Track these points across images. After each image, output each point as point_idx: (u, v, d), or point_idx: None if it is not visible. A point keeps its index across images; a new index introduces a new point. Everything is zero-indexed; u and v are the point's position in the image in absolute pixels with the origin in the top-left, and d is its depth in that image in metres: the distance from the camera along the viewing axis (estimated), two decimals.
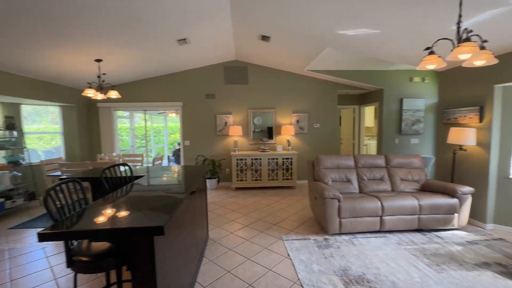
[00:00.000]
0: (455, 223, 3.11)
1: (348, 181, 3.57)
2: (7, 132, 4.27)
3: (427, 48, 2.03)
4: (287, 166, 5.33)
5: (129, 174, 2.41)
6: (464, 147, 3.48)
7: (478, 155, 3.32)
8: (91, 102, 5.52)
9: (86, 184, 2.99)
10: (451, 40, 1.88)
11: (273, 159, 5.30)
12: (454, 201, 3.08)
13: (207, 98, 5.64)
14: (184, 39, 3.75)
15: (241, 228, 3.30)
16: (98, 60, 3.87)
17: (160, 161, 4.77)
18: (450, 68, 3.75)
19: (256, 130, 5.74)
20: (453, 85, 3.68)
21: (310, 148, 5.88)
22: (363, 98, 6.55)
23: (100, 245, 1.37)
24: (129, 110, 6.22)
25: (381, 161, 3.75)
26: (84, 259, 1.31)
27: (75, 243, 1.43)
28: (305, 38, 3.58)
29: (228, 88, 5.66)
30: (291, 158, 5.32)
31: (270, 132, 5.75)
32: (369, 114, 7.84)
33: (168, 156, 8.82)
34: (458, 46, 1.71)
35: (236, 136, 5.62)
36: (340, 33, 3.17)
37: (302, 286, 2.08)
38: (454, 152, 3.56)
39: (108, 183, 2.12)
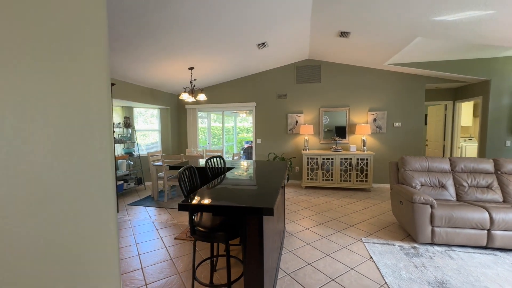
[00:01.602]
0: None
1: (442, 186, 3.14)
2: (125, 130, 5.44)
3: None
4: (361, 167, 5.04)
5: (223, 165, 2.77)
6: None
7: None
8: (181, 104, 6.47)
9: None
10: None
11: (346, 159, 5.09)
12: None
13: (278, 98, 5.84)
14: (264, 43, 4.01)
15: (316, 226, 3.33)
16: (191, 68, 4.53)
17: (238, 157, 5.22)
18: None
19: (328, 129, 5.62)
20: None
21: (389, 149, 5.38)
22: (459, 92, 5.58)
23: (215, 220, 1.65)
24: (210, 111, 6.99)
25: (488, 166, 3.15)
26: (203, 229, 1.62)
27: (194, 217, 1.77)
28: (391, 29, 3.33)
29: (299, 87, 5.72)
30: (367, 159, 4.99)
31: (343, 131, 5.54)
32: (466, 111, 6.61)
33: (239, 154, 9.49)
34: None
35: (307, 134, 5.63)
36: (437, 19, 2.82)
37: None
38: None
39: (210, 171, 2.50)
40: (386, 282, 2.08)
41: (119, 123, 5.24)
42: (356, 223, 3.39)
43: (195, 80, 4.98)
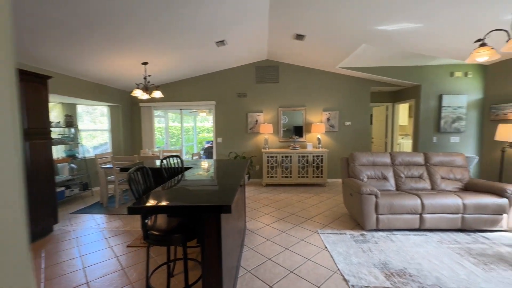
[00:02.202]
0: (504, 224, 2.95)
1: (385, 178, 3.53)
2: (66, 129, 4.83)
3: (478, 40, 1.99)
4: (317, 164, 5.35)
5: (180, 165, 2.65)
6: None
7: None
8: (134, 102, 6.00)
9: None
10: (505, 30, 1.83)
11: (303, 156, 5.35)
12: (503, 201, 2.92)
13: (239, 97, 5.85)
14: (222, 41, 3.96)
15: (276, 221, 3.43)
16: (145, 63, 4.24)
17: (197, 157, 5.07)
18: (501, 60, 3.53)
19: (286, 128, 5.83)
20: (503, 79, 3.46)
21: (341, 146, 5.83)
22: (397, 95, 6.33)
23: (171, 222, 1.57)
24: (167, 109, 6.64)
25: (419, 159, 3.64)
26: (157, 233, 1.52)
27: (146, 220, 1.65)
28: (341, 35, 3.60)
29: (259, 87, 5.82)
30: (322, 156, 5.33)
31: (300, 130, 5.81)
32: (403, 111, 7.53)
33: (199, 154, 9.24)
34: None
35: (266, 133, 5.75)
36: (379, 28, 3.15)
37: (342, 275, 2.15)
38: (503, 150, 3.35)
39: (166, 172, 2.36)
40: (338, 269, 2.25)
41: (59, 122, 4.63)
42: (313, 216, 3.59)
43: (149, 76, 4.67)
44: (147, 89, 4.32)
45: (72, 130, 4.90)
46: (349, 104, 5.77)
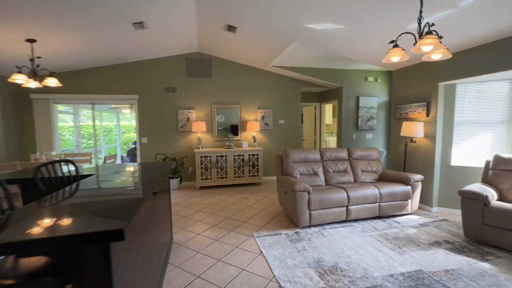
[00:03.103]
0: (409, 208, 3.40)
1: (315, 174, 3.63)
2: None
3: (392, 42, 2.13)
4: (253, 162, 5.25)
5: (74, 173, 2.02)
6: (415, 139, 3.84)
7: (426, 146, 3.69)
8: (21, 92, 4.62)
9: (14, 189, 2.43)
10: (413, 34, 1.99)
11: (239, 155, 5.16)
12: (408, 188, 3.36)
13: (167, 91, 5.21)
14: (141, 22, 3.36)
15: (209, 229, 3.09)
16: (31, 40, 3.23)
17: (113, 160, 4.23)
18: (403, 67, 4.09)
19: (221, 127, 5.53)
20: (405, 83, 4.03)
21: (275, 144, 5.90)
22: (323, 96, 6.84)
23: (33, 262, 1.05)
24: (73, 103, 5.41)
25: (344, 154, 3.91)
26: (10, 282, 1.00)
27: None
28: (272, 31, 3.52)
29: (190, 81, 5.32)
30: (257, 155, 5.25)
31: (235, 129, 5.60)
32: (328, 111, 8.24)
33: (122, 157, 8.00)
34: (422, 38, 1.81)
35: (199, 132, 5.32)
36: (307, 26, 3.18)
37: (278, 282, 1.99)
38: (406, 144, 3.90)
39: (45, 184, 1.72)
40: (274, 275, 2.09)
41: None
42: (248, 218, 3.41)
43: (39, 58, 3.60)
44: (36, 75, 3.31)
45: None
46: (282, 102, 5.88)
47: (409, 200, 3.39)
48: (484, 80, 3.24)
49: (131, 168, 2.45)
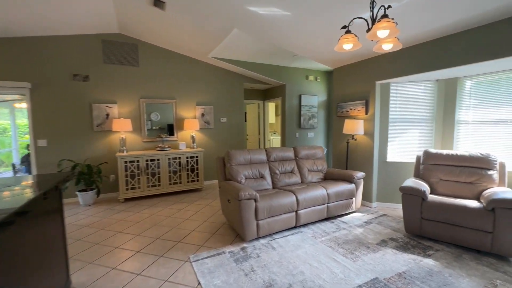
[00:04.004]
0: (353, 206, 3.39)
1: (262, 177, 3.28)
2: None
3: (344, 27, 1.89)
4: (192, 166, 4.60)
5: None
6: (355, 137, 3.90)
7: (365, 143, 3.77)
8: None
9: None
10: (365, 19, 1.79)
11: (175, 158, 4.44)
12: (352, 186, 3.33)
13: (75, 79, 4.07)
14: None
15: (131, 257, 2.37)
16: None
17: None
18: (343, 65, 4.12)
19: (156, 126, 4.67)
20: (345, 81, 4.06)
21: (217, 144, 5.37)
22: (267, 94, 6.64)
23: None
24: None
25: (290, 154, 3.68)
26: None
27: None
28: (210, 11, 3.00)
29: (109, 69, 4.30)
30: (197, 157, 4.62)
31: (171, 127, 4.82)
32: (271, 110, 8.15)
33: (14, 165, 6.12)
34: (379, 22, 1.59)
35: (123, 132, 4.36)
36: (250, 9, 2.78)
37: None
38: (348, 141, 3.93)
39: None
40: None
41: None
42: (185, 236, 2.80)
43: None
44: None
45: None
46: (224, 99, 5.39)
47: (354, 198, 3.37)
48: (413, 80, 3.45)
49: None
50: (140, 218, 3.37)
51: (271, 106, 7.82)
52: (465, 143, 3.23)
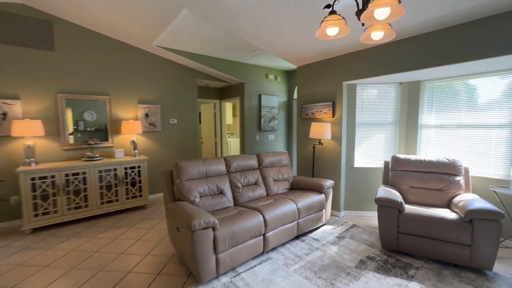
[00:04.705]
0: (323, 219, 3.07)
1: (221, 192, 2.69)
2: None
3: (328, 6, 1.45)
4: (133, 178, 3.73)
5: None
6: (322, 141, 3.61)
7: (333, 148, 3.51)
8: None
9: None
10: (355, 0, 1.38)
11: (109, 171, 3.52)
12: (322, 197, 3.01)
13: None
14: None
15: None
16: None
17: None
18: (308, 63, 3.80)
19: (95, 128, 3.64)
20: (310, 81, 3.75)
21: (166, 150, 4.56)
22: (223, 92, 6.03)
23: None
24: None
25: (254, 162, 3.18)
26: None
27: None
28: None
29: (9, 51, 3.15)
30: (139, 167, 3.77)
31: (103, 131, 3.84)
32: (228, 110, 7.56)
33: None
34: None
35: (30, 137, 3.26)
36: None
37: None
38: (314, 146, 3.62)
39: None
40: None
41: None
42: (117, 283, 2.05)
43: None
44: None
45: None
46: (174, 97, 4.60)
47: (324, 210, 3.05)
48: (378, 82, 3.30)
49: None
50: (52, 258, 2.44)
51: (228, 106, 7.24)
52: (428, 148, 3.20)
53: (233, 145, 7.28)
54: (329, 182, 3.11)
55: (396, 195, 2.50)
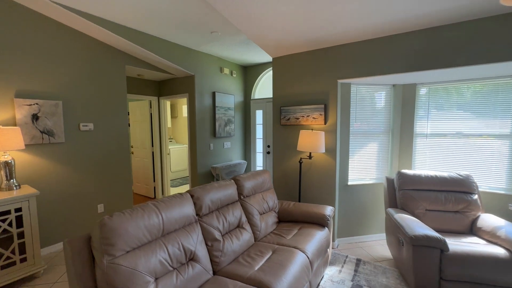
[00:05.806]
0: (328, 260, 2.29)
1: (192, 259, 1.54)
2: None
3: None
4: (5, 232, 2.07)
5: None
6: (313, 154, 2.85)
7: (324, 162, 2.79)
8: None
9: None
10: None
11: None
12: (326, 231, 2.24)
13: None
14: None
15: None
16: None
17: None
18: (293, 53, 2.96)
19: None
20: (292, 77, 2.93)
21: (74, 174, 2.92)
22: (164, 87, 4.59)
23: None
24: None
25: (232, 191, 2.12)
26: None
27: None
28: None
29: None
30: (19, 209, 2.13)
31: None
32: (167, 110, 6.05)
33: None
34: None
35: None
36: None
37: None
38: (301, 161, 2.81)
39: None
40: None
41: None
42: None
43: None
44: None
45: None
46: (87, 89, 2.99)
47: (328, 250, 2.28)
48: (371, 82, 2.77)
49: None
50: None
51: (168, 106, 5.75)
52: (423, 158, 2.86)
53: (177, 155, 5.85)
54: (329, 209, 2.36)
55: (427, 228, 1.93)
